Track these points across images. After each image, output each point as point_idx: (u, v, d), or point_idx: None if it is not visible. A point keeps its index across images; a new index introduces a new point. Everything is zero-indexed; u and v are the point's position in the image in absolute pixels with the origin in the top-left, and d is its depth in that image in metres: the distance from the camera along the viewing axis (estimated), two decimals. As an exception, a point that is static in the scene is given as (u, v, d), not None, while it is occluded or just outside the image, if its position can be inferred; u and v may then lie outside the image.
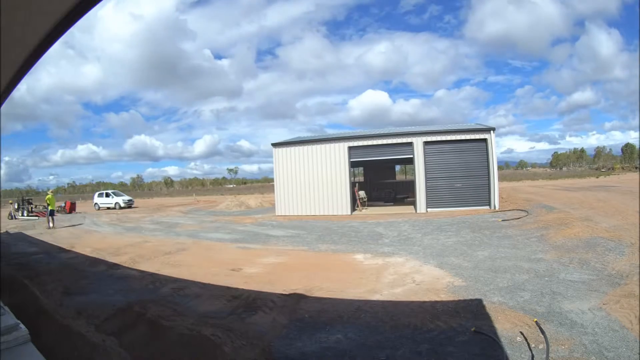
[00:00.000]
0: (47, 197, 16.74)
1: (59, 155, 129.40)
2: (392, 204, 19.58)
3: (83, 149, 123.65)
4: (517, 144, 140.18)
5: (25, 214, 22.22)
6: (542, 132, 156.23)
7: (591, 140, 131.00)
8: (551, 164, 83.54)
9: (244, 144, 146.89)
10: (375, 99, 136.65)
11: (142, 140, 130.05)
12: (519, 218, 11.19)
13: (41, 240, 12.37)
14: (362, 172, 26.07)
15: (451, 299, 4.79)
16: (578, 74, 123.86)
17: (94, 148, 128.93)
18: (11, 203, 24.22)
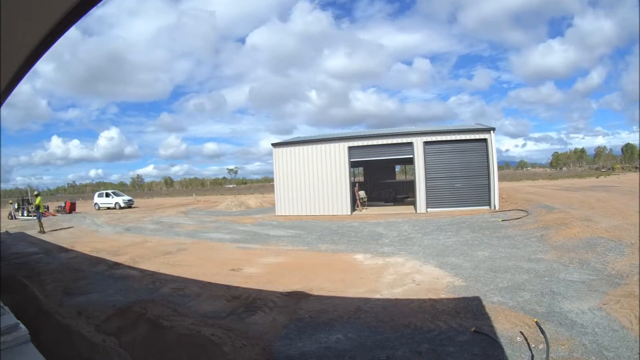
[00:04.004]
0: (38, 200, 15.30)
1: (35, 155, 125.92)
2: (392, 204, 19.57)
3: (57, 150, 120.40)
4: (506, 142, 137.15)
5: (25, 214, 22.22)
6: (539, 132, 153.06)
7: (578, 138, 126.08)
8: (551, 164, 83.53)
9: (211, 146, 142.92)
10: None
11: (115, 140, 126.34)
12: (519, 218, 11.18)
13: (41, 240, 12.38)
14: (362, 172, 26.07)
15: (451, 299, 4.79)
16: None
17: (63, 146, 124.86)
18: (11, 203, 24.25)
